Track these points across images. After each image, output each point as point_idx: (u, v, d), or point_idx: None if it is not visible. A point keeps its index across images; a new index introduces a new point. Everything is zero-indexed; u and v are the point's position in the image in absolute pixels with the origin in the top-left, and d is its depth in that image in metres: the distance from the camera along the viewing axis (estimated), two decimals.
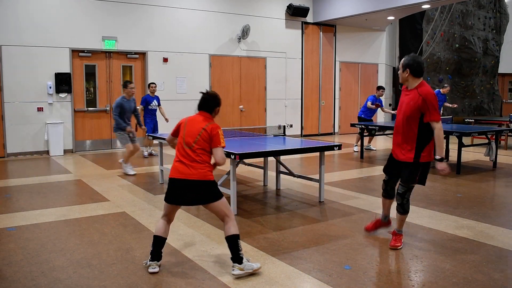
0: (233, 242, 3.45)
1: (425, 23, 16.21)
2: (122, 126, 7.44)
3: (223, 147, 3.50)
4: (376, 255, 3.92)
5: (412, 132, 3.89)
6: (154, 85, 9.76)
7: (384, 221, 4.46)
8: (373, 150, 10.81)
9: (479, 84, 18.79)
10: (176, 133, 3.72)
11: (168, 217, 3.64)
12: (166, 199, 3.58)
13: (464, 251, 4.01)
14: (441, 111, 12.04)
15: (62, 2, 10.07)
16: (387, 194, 4.28)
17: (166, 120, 9.82)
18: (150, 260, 3.56)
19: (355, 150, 10.25)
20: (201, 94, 3.63)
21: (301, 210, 5.40)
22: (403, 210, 4.03)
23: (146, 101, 9.60)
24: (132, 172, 7.64)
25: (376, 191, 6.44)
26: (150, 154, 9.90)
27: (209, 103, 3.59)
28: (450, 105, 12.62)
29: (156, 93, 9.87)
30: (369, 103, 10.29)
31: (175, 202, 3.56)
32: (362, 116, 10.52)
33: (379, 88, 10.49)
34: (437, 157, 3.83)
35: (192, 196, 3.48)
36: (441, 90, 11.85)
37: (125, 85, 7.61)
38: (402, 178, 4.00)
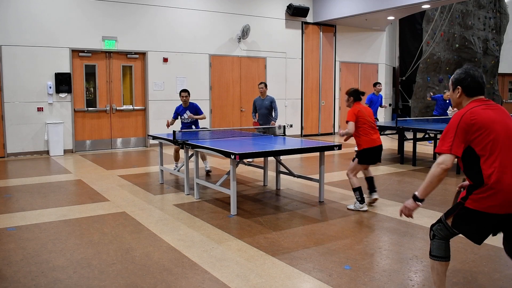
0: (372, 180, 5.66)
1: (425, 23, 16.21)
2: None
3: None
4: (376, 255, 3.92)
5: None
6: (185, 94, 7.51)
7: None
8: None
9: None
10: (357, 119, 5.45)
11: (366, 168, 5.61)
12: (367, 162, 5.43)
13: (464, 251, 4.01)
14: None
15: (62, 2, 10.07)
16: None
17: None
18: (370, 193, 5.65)
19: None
20: (355, 89, 5.81)
21: (301, 210, 5.41)
22: None
23: (177, 114, 7.68)
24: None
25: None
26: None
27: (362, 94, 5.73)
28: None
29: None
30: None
31: (374, 163, 5.55)
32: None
33: (376, 84, 10.46)
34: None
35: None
36: (443, 95, 11.73)
37: (259, 86, 8.87)
38: None
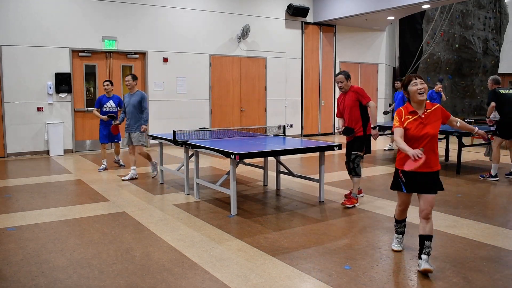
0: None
1: (425, 23, 16.22)
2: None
3: None
4: (376, 255, 3.92)
5: None
6: (106, 83, 8.15)
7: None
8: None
9: (479, 84, 18.80)
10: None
11: None
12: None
13: (464, 251, 4.01)
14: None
15: (62, 2, 10.07)
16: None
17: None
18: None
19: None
20: None
21: (301, 210, 5.41)
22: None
23: (100, 103, 8.15)
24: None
25: (376, 191, 6.44)
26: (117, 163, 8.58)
27: None
28: None
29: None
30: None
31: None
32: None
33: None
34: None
35: None
36: (435, 89, 11.89)
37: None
38: None
